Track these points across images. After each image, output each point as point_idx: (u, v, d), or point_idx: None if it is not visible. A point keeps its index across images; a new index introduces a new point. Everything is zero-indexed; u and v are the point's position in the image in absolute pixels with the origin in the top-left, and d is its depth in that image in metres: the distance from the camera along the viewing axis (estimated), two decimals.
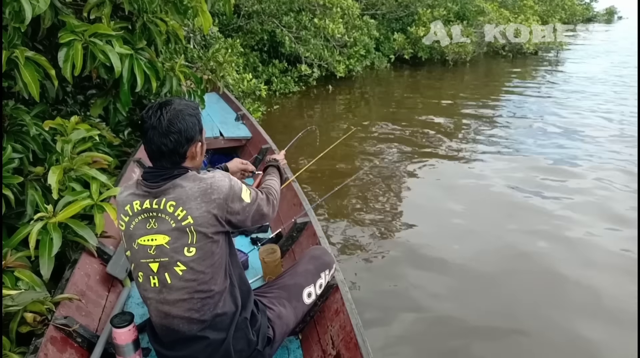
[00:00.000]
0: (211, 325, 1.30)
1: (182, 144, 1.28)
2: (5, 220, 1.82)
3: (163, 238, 1.24)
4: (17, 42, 1.90)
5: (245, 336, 1.34)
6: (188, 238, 1.24)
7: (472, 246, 3.38)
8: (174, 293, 1.26)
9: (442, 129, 6.42)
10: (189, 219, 1.23)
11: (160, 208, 1.25)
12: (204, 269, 1.26)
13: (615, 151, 5.38)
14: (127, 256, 1.34)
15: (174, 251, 1.24)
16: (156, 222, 1.25)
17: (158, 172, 1.29)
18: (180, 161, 1.30)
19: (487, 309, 2.71)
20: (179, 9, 2.86)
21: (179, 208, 1.23)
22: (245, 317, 1.36)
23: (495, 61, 12.47)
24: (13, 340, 1.38)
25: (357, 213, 3.90)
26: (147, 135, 1.27)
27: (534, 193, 4.27)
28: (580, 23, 24.55)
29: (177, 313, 1.28)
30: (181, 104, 1.31)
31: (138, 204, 1.27)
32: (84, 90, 3.02)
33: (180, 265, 1.25)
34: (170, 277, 1.26)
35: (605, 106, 7.56)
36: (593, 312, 2.68)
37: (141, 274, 1.30)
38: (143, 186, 1.29)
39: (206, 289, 1.27)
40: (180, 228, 1.23)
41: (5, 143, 1.88)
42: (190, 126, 1.29)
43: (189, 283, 1.25)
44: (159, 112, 1.26)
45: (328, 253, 1.77)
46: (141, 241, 1.27)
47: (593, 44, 16.97)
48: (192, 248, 1.24)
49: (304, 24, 8.13)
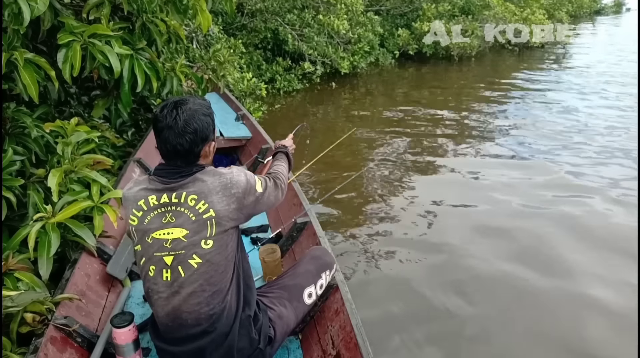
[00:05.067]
0: (218, 319, 1.30)
1: (197, 144, 1.29)
2: (8, 222, 1.84)
3: (180, 231, 1.26)
4: (17, 44, 1.91)
5: (247, 334, 1.35)
6: (207, 231, 1.26)
7: (477, 245, 3.33)
8: (187, 286, 1.27)
9: (447, 126, 6.37)
10: (210, 213, 1.26)
11: (180, 201, 1.27)
12: (219, 261, 1.28)
13: (628, 149, 5.28)
14: (137, 251, 1.34)
15: (191, 244, 1.26)
16: (173, 216, 1.27)
17: (175, 169, 1.30)
18: (194, 160, 1.32)
19: (493, 310, 2.68)
20: (178, 8, 2.86)
21: (200, 202, 1.26)
22: (248, 315, 1.37)
23: (501, 55, 12.34)
24: (14, 341, 1.39)
25: (358, 213, 3.87)
26: (163, 134, 1.27)
27: (549, 191, 4.19)
28: (588, 16, 24.18)
29: (186, 307, 1.28)
30: (196, 103, 1.32)
31: (154, 199, 1.28)
32: (88, 91, 3.03)
33: (196, 258, 1.27)
34: (184, 270, 1.27)
35: (607, 103, 7.43)
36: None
37: (153, 268, 1.30)
38: (157, 182, 1.30)
39: (217, 282, 1.29)
40: (201, 221, 1.26)
41: (7, 145, 1.90)
42: (205, 126, 1.31)
43: (203, 275, 1.27)
44: (174, 112, 1.27)
45: (329, 254, 1.77)
46: (156, 235, 1.28)
47: (599, 39, 16.71)
48: (210, 240, 1.26)
49: (307, 22, 8.11)
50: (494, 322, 2.59)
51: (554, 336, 2.45)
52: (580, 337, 2.46)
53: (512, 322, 2.59)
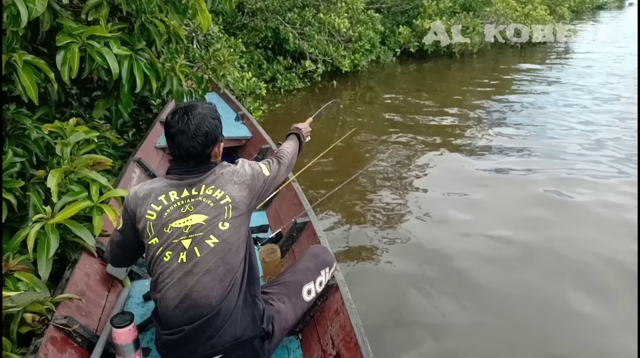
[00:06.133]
0: (226, 296, 1.34)
1: (208, 145, 1.42)
2: (9, 224, 1.85)
3: (199, 217, 1.37)
4: (16, 46, 1.92)
5: (251, 313, 1.39)
6: (224, 214, 1.39)
7: (478, 246, 3.31)
8: (201, 265, 1.34)
9: (450, 124, 6.33)
10: (227, 199, 1.40)
11: (200, 193, 1.40)
12: (234, 241, 1.38)
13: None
14: (151, 245, 1.37)
15: (210, 226, 1.37)
16: (192, 206, 1.39)
17: (190, 168, 1.43)
18: (206, 161, 1.45)
19: (492, 312, 2.67)
20: (178, 8, 2.86)
21: (217, 190, 1.41)
22: (254, 294, 1.43)
23: (503, 52, 12.25)
24: (14, 342, 1.40)
25: (358, 212, 3.86)
26: (176, 139, 1.40)
27: (551, 187, 4.17)
28: (590, 11, 24.00)
29: (198, 286, 1.32)
30: (204, 107, 1.45)
31: (175, 194, 1.40)
32: (89, 92, 3.04)
33: (213, 238, 1.36)
34: (200, 250, 1.35)
35: (607, 100, 7.36)
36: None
37: (169, 253, 1.35)
38: (176, 179, 1.42)
39: (230, 260, 1.37)
40: (219, 206, 1.39)
41: (7, 147, 1.91)
42: (214, 128, 1.44)
43: (218, 253, 1.35)
44: (185, 118, 1.39)
45: (328, 252, 1.78)
46: (175, 224, 1.37)
47: (601, 35, 16.56)
48: (226, 223, 1.38)
49: (307, 20, 8.10)
50: (495, 322, 2.58)
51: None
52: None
53: (513, 322, 2.58)
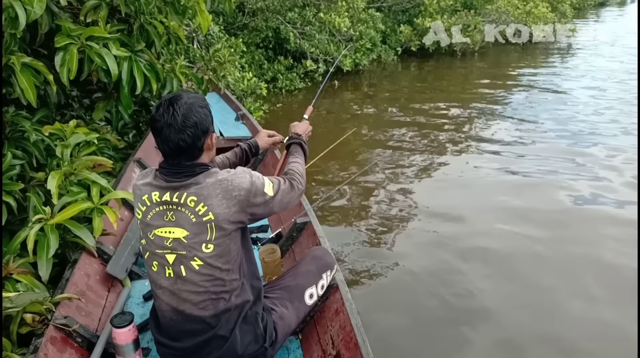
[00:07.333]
0: (222, 317, 1.31)
1: (199, 137, 1.27)
2: (9, 227, 1.85)
3: (181, 231, 1.25)
4: (14, 48, 1.92)
5: (253, 330, 1.36)
6: (207, 234, 1.25)
7: (479, 246, 3.29)
8: (189, 285, 1.28)
9: (452, 123, 6.29)
10: (210, 216, 1.24)
11: (180, 201, 1.25)
12: (221, 265, 1.27)
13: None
14: (142, 244, 1.35)
15: (191, 246, 1.25)
16: (174, 215, 1.26)
17: (177, 169, 1.28)
18: (198, 155, 1.29)
19: (494, 306, 2.67)
20: (177, 9, 2.87)
21: (200, 204, 1.24)
22: (256, 311, 1.38)
23: (504, 50, 12.20)
24: (14, 342, 1.40)
25: (358, 212, 3.85)
26: (163, 133, 1.24)
27: (554, 186, 4.16)
28: (592, 7, 23.86)
29: (188, 306, 1.29)
30: (190, 97, 1.30)
31: (157, 195, 1.28)
32: (89, 94, 3.05)
33: (197, 260, 1.26)
34: (185, 270, 1.27)
35: (608, 99, 7.30)
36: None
37: (156, 263, 1.31)
38: (162, 179, 1.29)
39: (220, 283, 1.29)
40: (201, 224, 1.24)
41: (6, 149, 1.91)
42: (204, 118, 1.28)
43: (205, 277, 1.27)
44: (171, 109, 1.24)
45: (329, 254, 1.77)
46: (158, 233, 1.28)
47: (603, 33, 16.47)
48: (210, 244, 1.25)
49: (308, 19, 8.09)
50: (495, 323, 2.57)
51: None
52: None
53: (513, 326, 2.56)
